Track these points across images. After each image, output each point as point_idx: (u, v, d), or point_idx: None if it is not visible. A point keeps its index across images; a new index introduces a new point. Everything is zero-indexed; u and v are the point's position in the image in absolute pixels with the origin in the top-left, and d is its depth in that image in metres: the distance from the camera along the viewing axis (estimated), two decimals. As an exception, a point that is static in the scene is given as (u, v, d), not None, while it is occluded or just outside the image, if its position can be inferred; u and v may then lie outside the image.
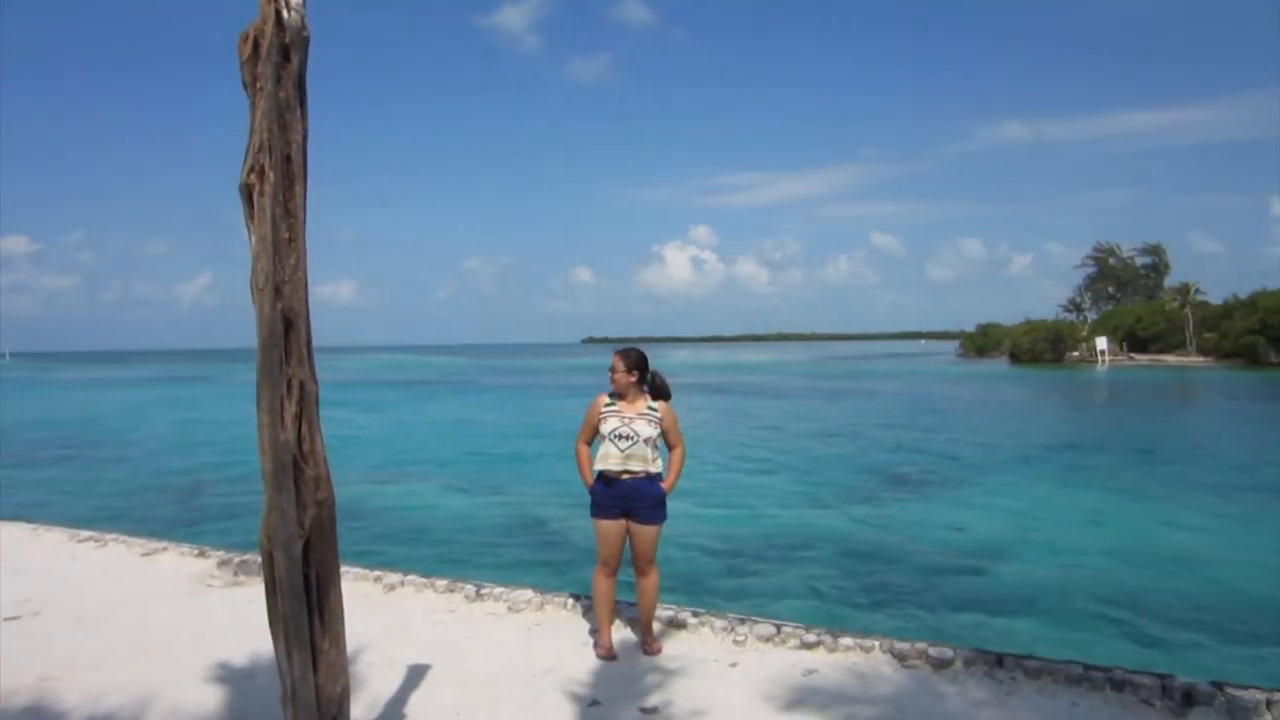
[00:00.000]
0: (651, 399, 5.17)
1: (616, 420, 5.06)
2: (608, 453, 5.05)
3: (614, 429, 5.03)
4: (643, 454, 5.03)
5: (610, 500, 5.05)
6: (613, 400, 5.14)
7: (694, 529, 12.38)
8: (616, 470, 5.02)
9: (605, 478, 5.05)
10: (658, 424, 5.11)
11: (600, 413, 5.12)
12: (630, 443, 5.01)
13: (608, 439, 5.04)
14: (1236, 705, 4.27)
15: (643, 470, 5.04)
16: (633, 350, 5.22)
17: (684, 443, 5.27)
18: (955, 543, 11.99)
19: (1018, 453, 21.64)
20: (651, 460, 5.07)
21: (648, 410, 5.13)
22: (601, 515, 5.09)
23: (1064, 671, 4.65)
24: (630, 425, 5.04)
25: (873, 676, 4.77)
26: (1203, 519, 13.71)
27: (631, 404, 5.12)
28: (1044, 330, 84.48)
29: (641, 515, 5.07)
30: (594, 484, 5.11)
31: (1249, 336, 68.67)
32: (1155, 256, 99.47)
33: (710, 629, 5.44)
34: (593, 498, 5.12)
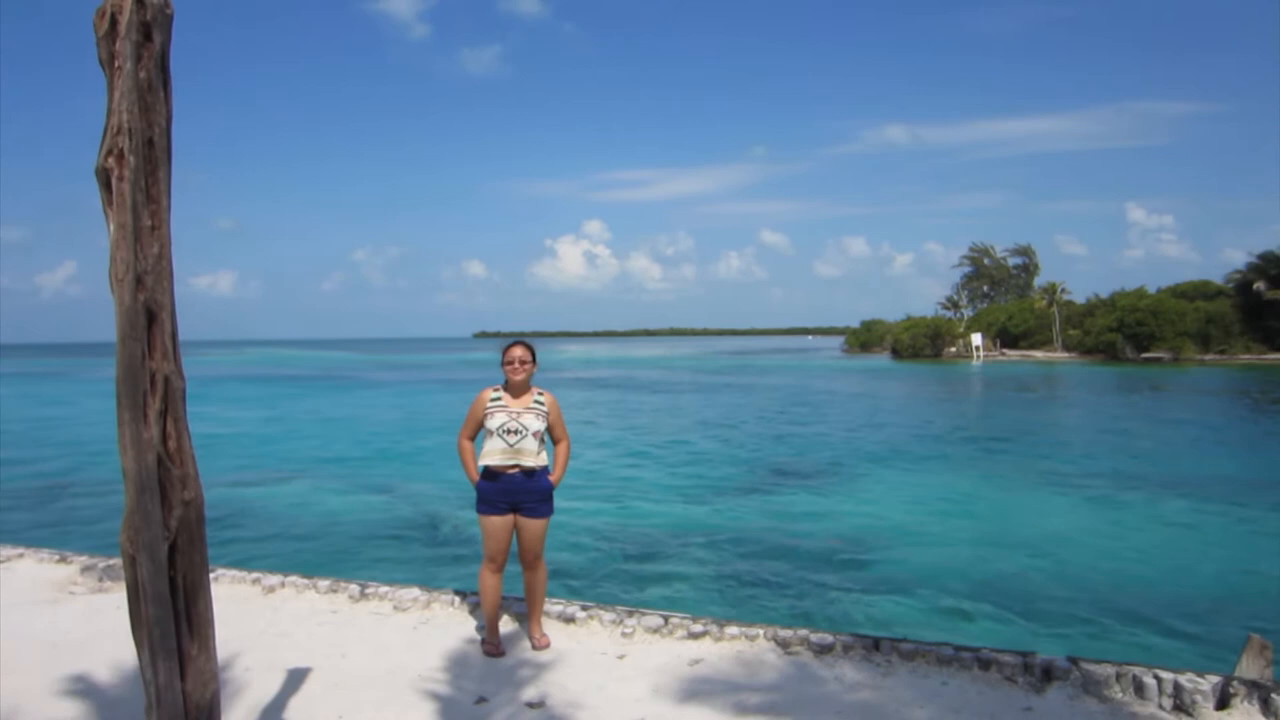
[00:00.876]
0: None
1: (504, 415, 5.00)
2: (495, 447, 4.98)
3: (502, 423, 4.97)
4: (531, 448, 5.00)
5: (498, 496, 4.99)
6: (499, 394, 5.08)
7: (582, 523, 12.41)
8: (504, 465, 4.97)
9: (492, 473, 4.99)
10: (545, 417, 5.09)
11: (486, 407, 5.04)
12: (519, 437, 4.97)
13: (495, 434, 4.98)
14: (1090, 678, 4.55)
15: (530, 464, 5.01)
16: (529, 342, 5.21)
17: (569, 436, 5.29)
18: (836, 532, 12.38)
19: (894, 444, 22.47)
20: (539, 454, 5.05)
21: (535, 404, 5.10)
22: (489, 511, 5.02)
23: (936, 653, 4.87)
24: (519, 419, 5.00)
25: (757, 664, 4.88)
26: (1063, 505, 14.56)
27: (519, 397, 5.07)
28: (924, 327, 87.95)
29: (529, 510, 5.04)
30: (480, 480, 5.04)
31: (1109, 334, 73.25)
32: (1026, 257, 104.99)
33: (599, 622, 5.46)
34: (479, 494, 5.04)
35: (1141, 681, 4.47)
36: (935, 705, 4.38)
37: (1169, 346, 69.81)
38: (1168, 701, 4.39)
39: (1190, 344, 69.96)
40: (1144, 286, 79.63)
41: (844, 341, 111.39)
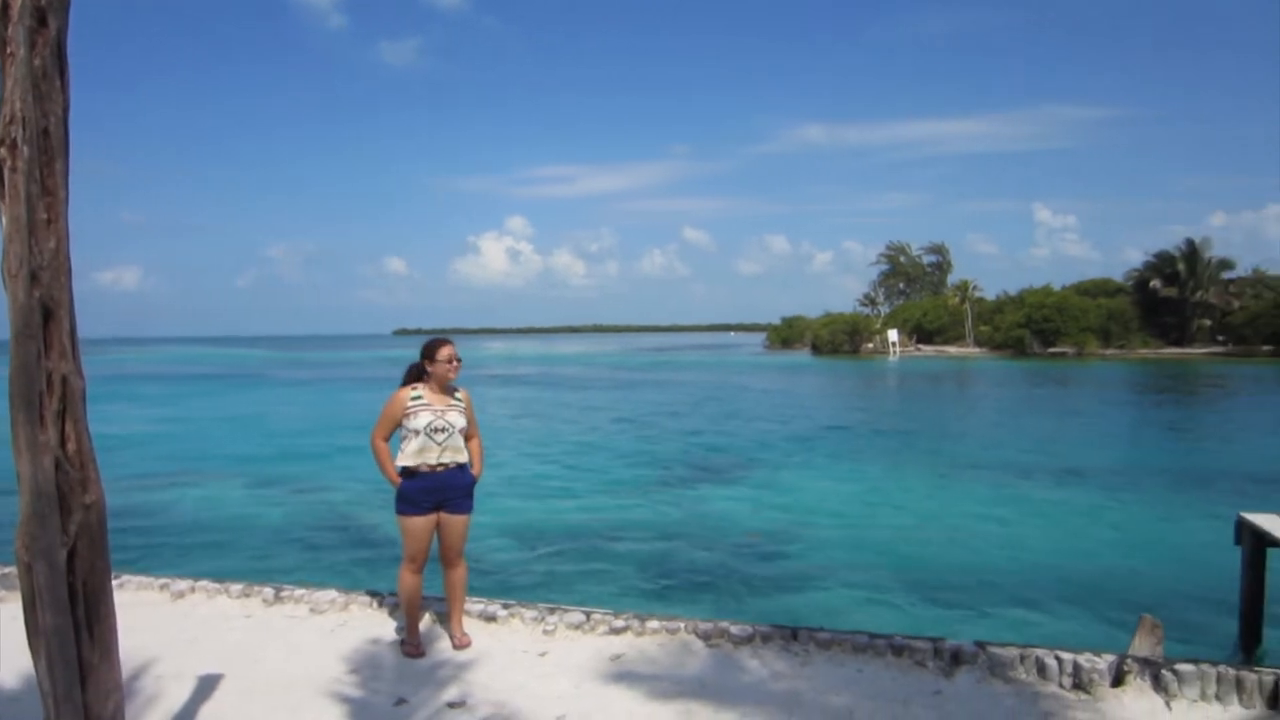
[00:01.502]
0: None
1: (430, 414, 4.94)
2: (422, 446, 4.91)
3: (429, 422, 4.92)
4: (457, 445, 4.99)
5: (423, 495, 4.93)
6: (419, 392, 5.01)
7: (504, 522, 12.34)
8: (432, 464, 4.92)
9: (416, 472, 4.92)
10: (464, 414, 5.07)
11: (407, 406, 4.96)
12: (446, 434, 4.94)
13: (422, 433, 4.90)
14: (996, 661, 4.74)
15: (455, 461, 4.99)
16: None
17: (479, 432, 5.29)
18: (756, 525, 12.57)
19: (811, 438, 22.92)
20: (463, 450, 5.04)
21: (456, 401, 5.08)
22: (412, 512, 4.95)
23: (851, 641, 5.00)
24: (444, 417, 4.96)
25: (679, 656, 4.94)
26: (971, 495, 15.07)
27: (439, 395, 5.03)
28: (842, 323, 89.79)
29: (454, 506, 5.02)
30: (403, 480, 4.96)
31: (1017, 330, 75.96)
32: (940, 256, 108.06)
33: (520, 620, 5.45)
34: (402, 495, 4.95)
35: (1044, 663, 4.67)
36: (851, 691, 4.50)
37: (1073, 342, 72.74)
38: (1068, 681, 4.60)
39: (1093, 339, 73.00)
40: (1050, 284, 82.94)
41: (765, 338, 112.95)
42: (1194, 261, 74.60)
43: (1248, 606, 7.08)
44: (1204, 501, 13.83)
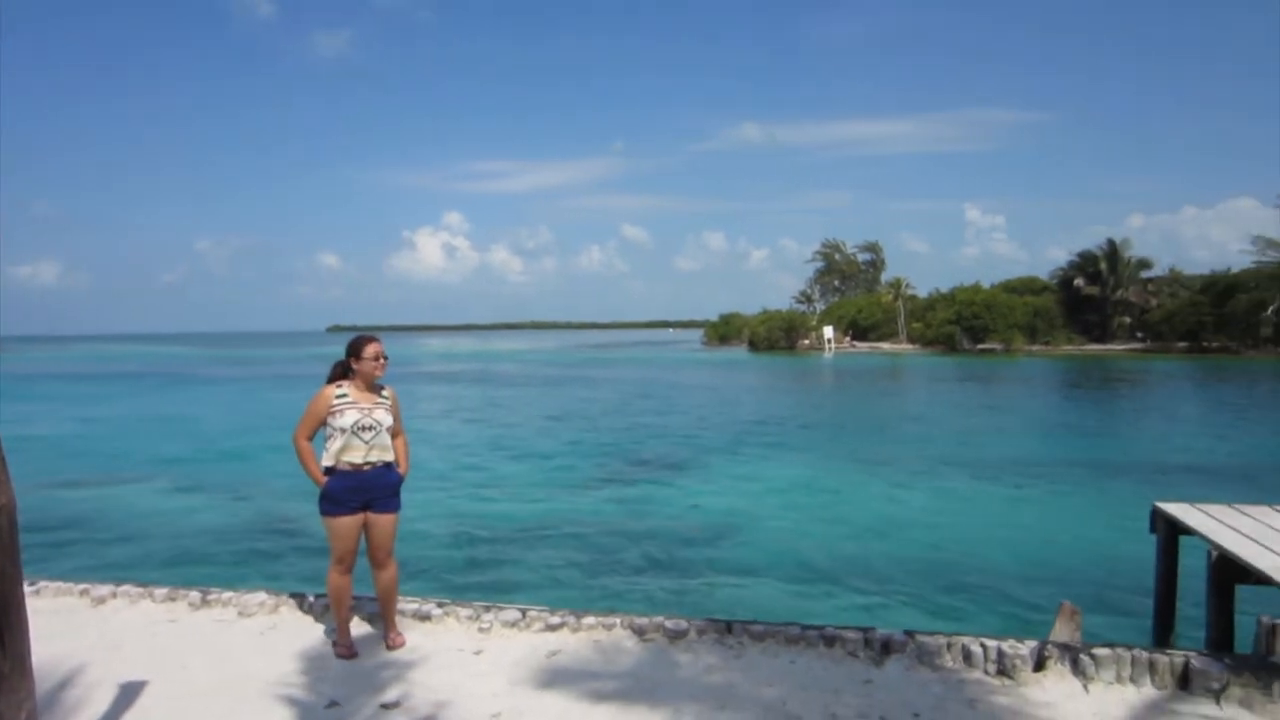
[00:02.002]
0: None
1: (356, 412, 4.87)
2: (349, 445, 4.84)
3: (356, 421, 4.84)
4: (384, 443, 4.94)
5: (349, 495, 4.85)
6: (344, 390, 4.94)
7: (439, 520, 12.22)
8: (359, 463, 4.85)
9: (342, 472, 4.85)
10: (390, 412, 5.01)
11: (332, 405, 4.88)
12: (373, 433, 4.88)
13: (349, 432, 4.83)
14: (924, 649, 4.86)
15: (382, 460, 4.93)
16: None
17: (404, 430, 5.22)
18: (692, 519, 12.67)
19: (747, 433, 23.16)
20: (390, 449, 4.99)
21: (382, 399, 5.02)
22: (339, 512, 4.87)
23: (784, 633, 5.08)
24: (371, 415, 4.90)
25: (614, 652, 4.96)
26: (902, 488, 15.41)
27: (365, 394, 4.97)
28: (779, 320, 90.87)
29: (381, 504, 4.95)
30: (328, 480, 4.87)
31: (948, 326, 77.82)
32: (873, 254, 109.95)
33: (455, 619, 5.41)
34: (327, 495, 4.86)
35: (969, 650, 4.81)
36: (784, 683, 4.58)
37: (1001, 338, 74.76)
38: (992, 667, 4.74)
39: (1019, 336, 75.13)
40: (979, 282, 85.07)
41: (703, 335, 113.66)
42: (1115, 261, 77.27)
43: (1162, 592, 7.37)
44: (1121, 492, 14.36)
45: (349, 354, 5.00)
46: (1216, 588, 6.36)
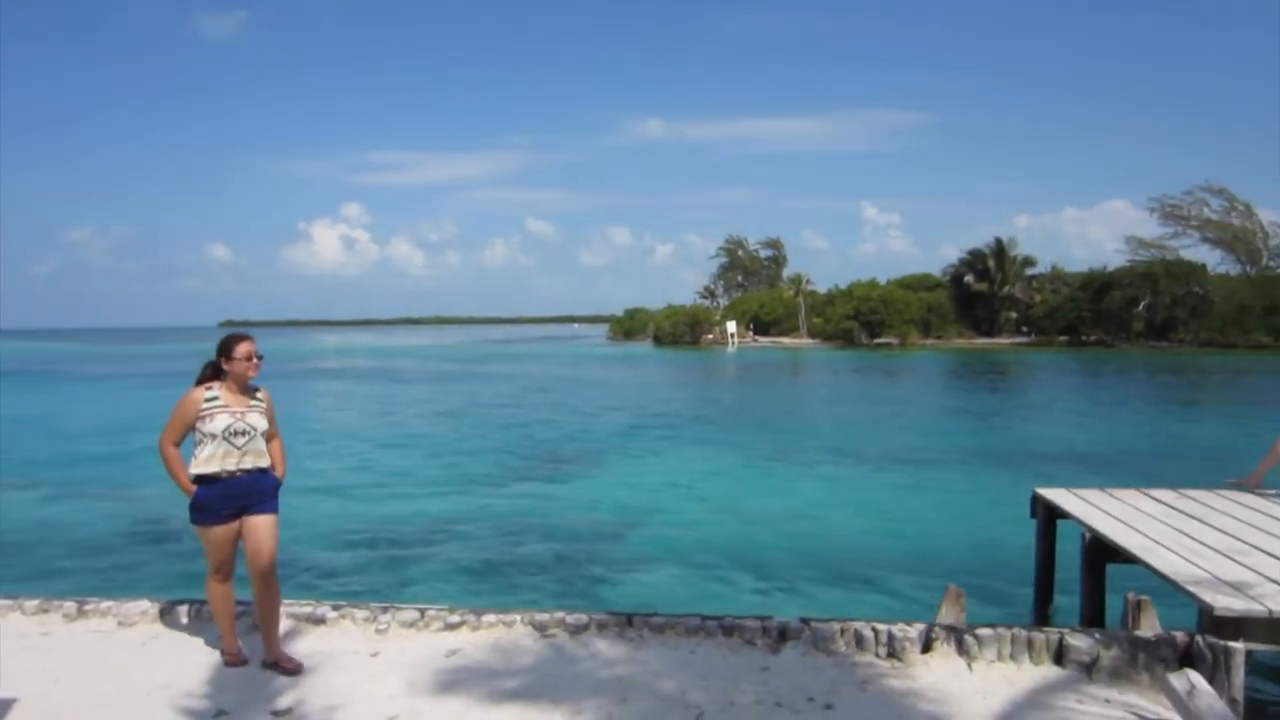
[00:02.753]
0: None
1: (228, 416, 4.58)
2: (219, 452, 4.55)
3: (228, 425, 4.56)
4: (259, 448, 4.67)
5: (222, 503, 4.56)
6: (215, 393, 4.64)
7: (332, 521, 11.90)
8: (231, 469, 4.57)
9: (213, 479, 4.55)
10: (265, 414, 4.75)
11: (201, 409, 4.58)
12: (247, 438, 4.61)
13: (220, 437, 4.54)
14: (819, 635, 5.00)
15: (257, 466, 4.66)
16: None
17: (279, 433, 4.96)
18: (593, 514, 12.69)
19: (650, 427, 23.31)
20: (265, 454, 4.73)
21: (256, 401, 4.75)
22: (212, 521, 4.57)
23: (684, 624, 5.15)
24: (244, 419, 4.62)
25: (514, 649, 4.94)
26: (800, 479, 15.78)
27: (238, 396, 4.68)
28: (683, 315, 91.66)
29: (259, 507, 4.66)
30: (198, 489, 4.56)
31: (846, 321, 79.94)
32: (775, 250, 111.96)
33: (351, 621, 5.30)
34: (198, 505, 4.57)
35: (861, 634, 4.97)
36: (683, 673, 4.64)
37: (896, 333, 77.23)
38: (883, 650, 4.91)
39: (914, 330, 77.78)
40: (876, 278, 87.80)
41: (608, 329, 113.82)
42: (1002, 259, 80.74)
43: (1041, 573, 7.75)
44: (1005, 478, 15.02)
45: (219, 353, 4.70)
46: (1089, 567, 6.73)
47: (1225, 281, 73.18)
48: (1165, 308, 69.85)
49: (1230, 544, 5.74)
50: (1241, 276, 75.49)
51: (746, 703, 4.32)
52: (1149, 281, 70.71)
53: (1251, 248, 78.69)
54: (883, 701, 4.34)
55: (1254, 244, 78.64)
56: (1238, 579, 4.97)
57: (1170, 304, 69.74)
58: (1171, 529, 6.16)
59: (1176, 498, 7.25)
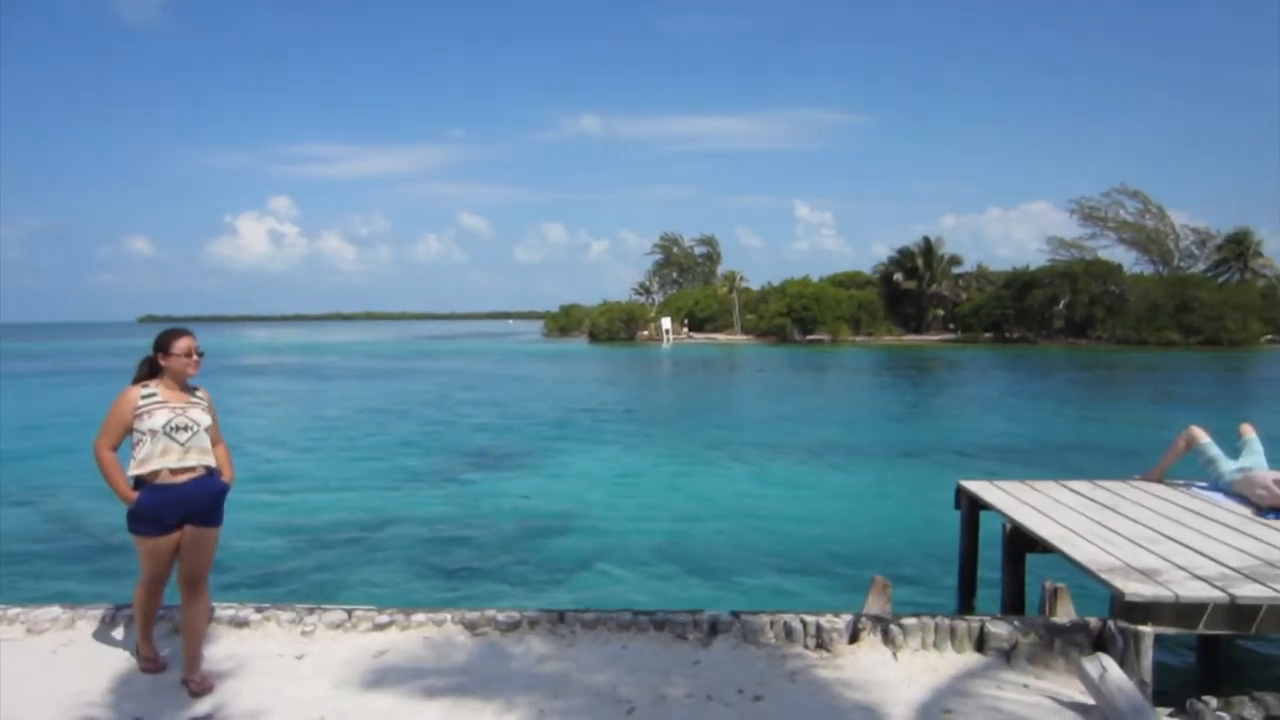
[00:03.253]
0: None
1: (168, 411, 4.33)
2: (161, 448, 4.27)
3: (168, 421, 4.30)
4: (203, 445, 4.40)
5: (167, 510, 4.28)
6: (152, 390, 4.41)
7: (256, 522, 11.58)
8: (175, 468, 4.29)
9: (156, 484, 4.27)
10: (207, 411, 4.54)
11: (138, 407, 4.32)
12: (190, 434, 4.35)
13: (161, 434, 4.27)
14: (749, 628, 5.06)
15: (203, 464, 4.41)
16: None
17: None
18: (528, 511, 12.61)
19: (585, 423, 23.29)
20: (210, 452, 4.47)
21: (196, 399, 4.53)
22: (153, 531, 4.28)
23: (615, 619, 5.15)
24: (185, 414, 4.38)
25: (444, 648, 4.89)
26: (732, 473, 15.93)
27: (177, 392, 4.46)
28: (618, 311, 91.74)
29: (204, 518, 4.40)
30: (140, 495, 4.26)
31: (780, 318, 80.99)
32: (710, 247, 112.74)
33: (276, 623, 5.17)
34: (139, 512, 4.26)
35: (790, 626, 5.04)
36: (614, 668, 4.65)
37: (828, 330, 78.50)
38: (811, 641, 4.99)
39: (845, 327, 79.16)
40: (808, 276, 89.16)
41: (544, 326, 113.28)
42: (930, 257, 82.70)
43: (965, 563, 7.96)
44: (931, 471, 15.41)
45: (156, 349, 4.46)
46: (1010, 557, 6.94)
47: (1139, 281, 76.23)
48: (1084, 306, 72.43)
49: (1141, 533, 5.98)
50: (1154, 276, 78.67)
51: (678, 696, 4.34)
52: (1069, 281, 73.25)
53: (1164, 249, 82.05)
54: (811, 692, 4.41)
55: (1166, 245, 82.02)
56: (1147, 566, 5.17)
57: (1088, 302, 72.33)
58: (1087, 519, 6.39)
59: (1092, 489, 7.51)
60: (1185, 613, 4.73)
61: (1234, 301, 69.63)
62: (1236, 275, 76.61)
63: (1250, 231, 77.29)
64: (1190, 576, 4.99)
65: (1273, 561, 5.28)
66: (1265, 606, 4.68)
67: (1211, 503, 6.92)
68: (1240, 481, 6.97)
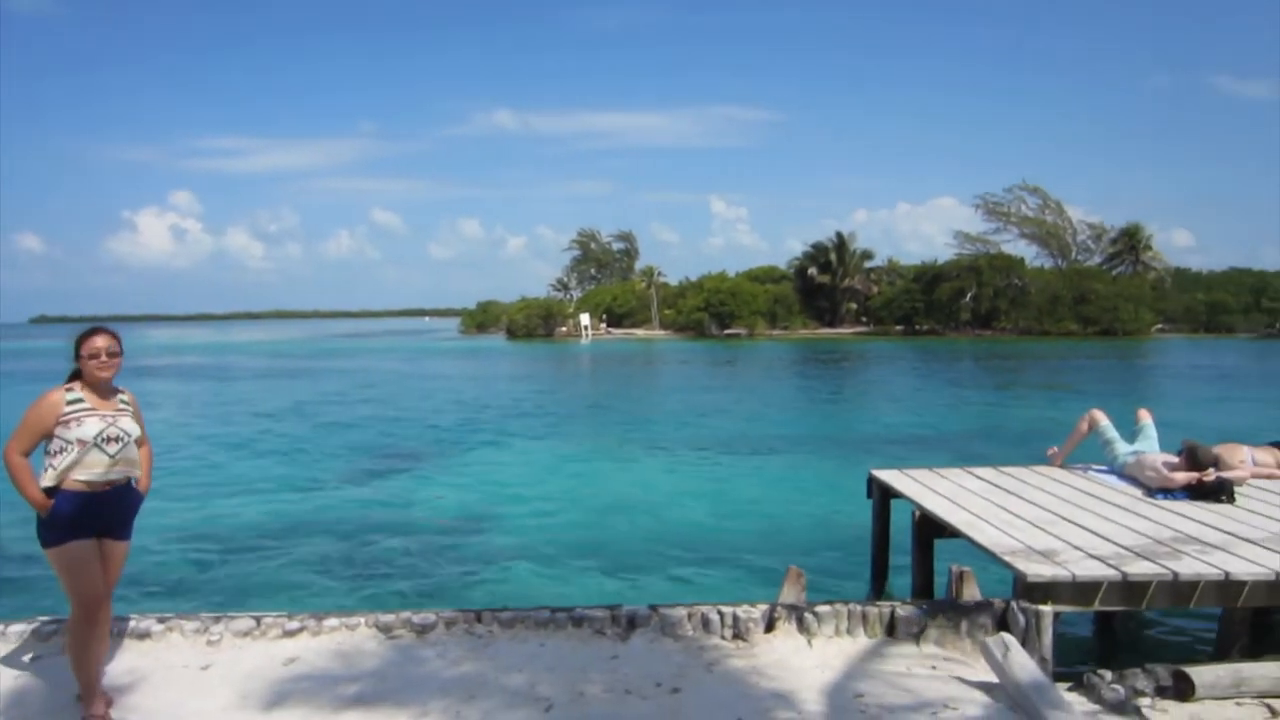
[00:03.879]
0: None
1: (99, 420, 4.07)
2: (90, 460, 4.03)
3: (100, 431, 4.05)
4: (132, 457, 4.21)
5: (88, 520, 4.04)
6: (78, 395, 4.13)
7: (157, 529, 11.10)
8: (97, 480, 4.06)
9: (72, 492, 4.01)
10: (136, 419, 4.30)
11: (63, 413, 4.05)
12: (121, 445, 4.12)
13: (91, 444, 4.02)
14: (666, 621, 5.08)
15: (128, 475, 4.20)
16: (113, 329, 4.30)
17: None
18: (443, 511, 12.42)
19: (501, 421, 23.06)
20: (138, 463, 4.27)
21: (124, 404, 4.28)
22: (70, 537, 4.00)
23: (533, 617, 5.12)
24: (117, 424, 4.14)
25: (356, 653, 4.78)
26: (652, 468, 16.02)
27: (102, 399, 4.19)
28: (537, 307, 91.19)
29: (121, 531, 4.22)
30: (57, 503, 4.00)
31: (697, 313, 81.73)
32: (627, 243, 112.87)
33: (180, 633, 4.98)
34: (56, 521, 3.99)
35: (708, 618, 5.09)
36: (532, 667, 4.61)
37: (745, 324, 79.53)
38: (729, 632, 5.04)
39: (761, 321, 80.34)
40: (725, 271, 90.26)
41: (460, 322, 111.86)
42: (843, 252, 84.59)
43: (877, 550, 8.16)
44: (844, 461, 15.73)
45: (76, 350, 4.18)
46: (919, 543, 7.15)
47: (1040, 274, 79.47)
48: (989, 299, 75.08)
49: (1041, 516, 6.22)
50: (1054, 270, 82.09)
51: (596, 692, 4.34)
52: (974, 274, 75.82)
53: (1062, 243, 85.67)
54: (727, 682, 4.46)
55: (1064, 240, 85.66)
56: (1047, 548, 5.38)
57: (993, 295, 75.03)
58: (991, 504, 6.62)
59: (997, 475, 7.79)
60: (1082, 591, 4.93)
61: (1127, 293, 73.23)
62: (1129, 268, 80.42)
63: (1141, 226, 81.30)
64: (1086, 556, 5.21)
65: (1161, 540, 5.55)
66: (1155, 583, 4.92)
67: (1107, 485, 7.25)
68: (1133, 464, 7.31)
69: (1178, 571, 4.93)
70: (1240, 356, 48.52)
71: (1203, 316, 73.50)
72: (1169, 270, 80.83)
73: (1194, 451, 6.83)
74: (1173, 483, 6.76)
